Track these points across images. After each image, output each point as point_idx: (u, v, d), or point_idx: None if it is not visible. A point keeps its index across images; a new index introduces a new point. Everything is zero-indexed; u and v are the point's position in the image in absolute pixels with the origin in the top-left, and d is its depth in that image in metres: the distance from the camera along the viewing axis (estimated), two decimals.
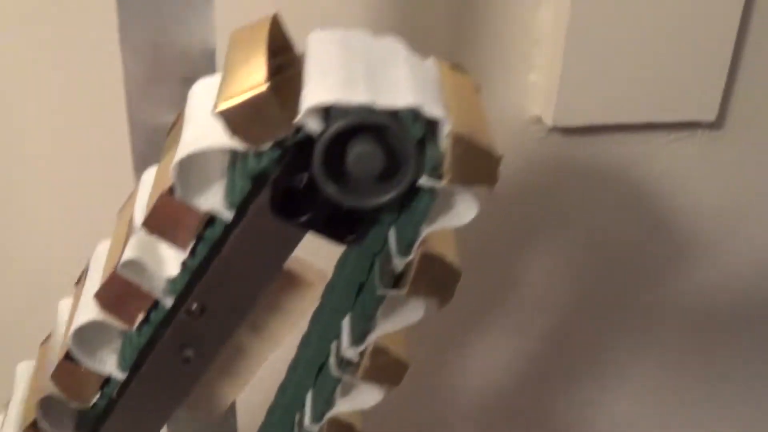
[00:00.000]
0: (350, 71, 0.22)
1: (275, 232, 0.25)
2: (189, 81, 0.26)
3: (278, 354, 0.30)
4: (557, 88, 0.42)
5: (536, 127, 0.44)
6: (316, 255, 0.26)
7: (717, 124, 0.48)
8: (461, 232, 0.45)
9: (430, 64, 0.24)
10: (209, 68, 0.26)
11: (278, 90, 0.22)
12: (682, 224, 0.50)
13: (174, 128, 0.26)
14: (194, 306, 0.26)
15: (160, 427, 0.30)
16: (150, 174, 0.26)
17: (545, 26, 0.42)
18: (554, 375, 0.54)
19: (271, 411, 0.30)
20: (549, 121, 0.43)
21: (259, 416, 0.31)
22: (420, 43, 0.40)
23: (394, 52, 0.24)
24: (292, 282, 0.29)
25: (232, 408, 0.33)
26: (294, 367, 0.29)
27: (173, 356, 0.28)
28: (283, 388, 0.30)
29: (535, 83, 0.43)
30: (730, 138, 0.49)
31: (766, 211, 0.51)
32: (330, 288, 0.27)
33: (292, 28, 0.24)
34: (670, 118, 0.46)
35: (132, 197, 0.27)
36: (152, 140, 0.27)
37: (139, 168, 0.27)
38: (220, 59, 0.26)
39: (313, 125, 0.21)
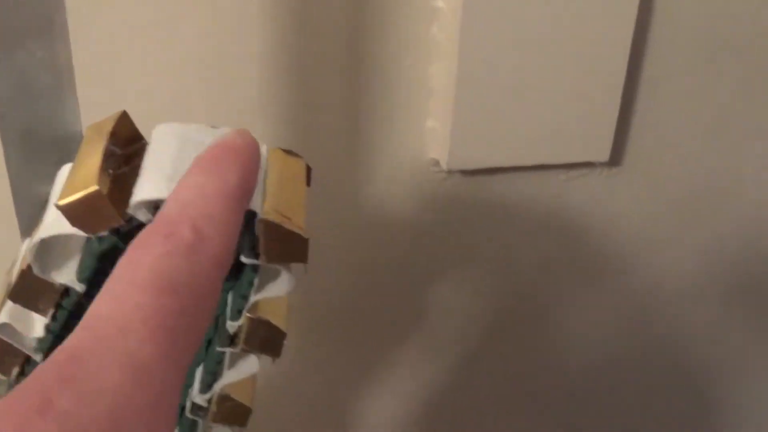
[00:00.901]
0: (178, 167, 0.26)
1: None
2: (62, 161, 0.30)
3: None
4: (450, 134, 0.46)
5: (436, 169, 0.48)
6: None
7: (615, 162, 0.51)
8: (373, 267, 0.49)
9: (261, 152, 0.28)
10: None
11: (116, 183, 0.26)
12: (586, 255, 0.54)
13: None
14: None
15: None
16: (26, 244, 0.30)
17: (437, 78, 0.45)
18: (464, 407, 0.57)
19: None
20: (444, 165, 0.47)
21: None
22: (319, 95, 0.44)
23: None
24: None
25: None
26: None
27: None
28: None
29: (432, 129, 0.47)
30: (629, 174, 0.52)
31: (666, 240, 0.55)
32: None
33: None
34: (562, 160, 0.49)
35: (14, 263, 0.30)
36: (35, 210, 0.31)
37: (25, 232, 0.31)
38: None
39: (142, 216, 0.25)
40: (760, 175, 0.54)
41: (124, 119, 0.28)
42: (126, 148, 0.28)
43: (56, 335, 0.28)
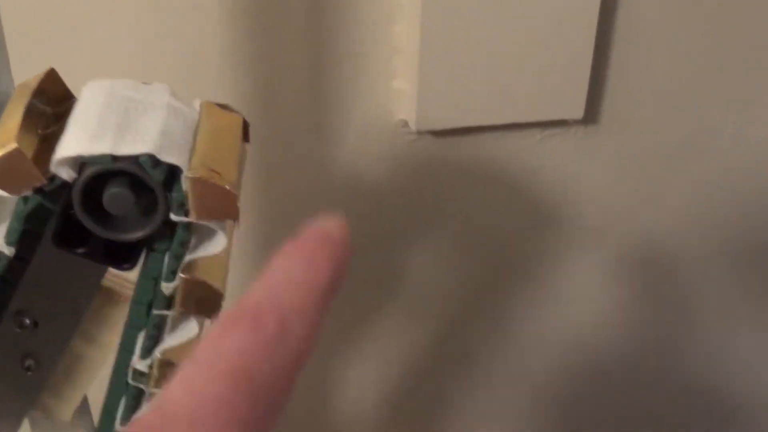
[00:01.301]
0: (103, 122, 0.25)
1: (72, 260, 0.28)
2: None
3: None
4: (417, 94, 0.45)
5: (405, 130, 0.47)
6: None
7: (591, 119, 0.50)
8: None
9: (194, 107, 0.27)
10: None
11: (44, 143, 0.25)
12: (563, 216, 0.53)
13: None
14: (27, 321, 0.30)
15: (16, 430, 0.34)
16: None
17: (402, 37, 0.44)
18: (446, 372, 0.57)
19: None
20: (413, 125, 0.46)
21: None
22: (282, 57, 0.43)
23: (157, 99, 0.27)
24: (113, 298, 0.32)
25: (85, 405, 0.36)
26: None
27: (15, 366, 0.32)
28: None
29: (399, 89, 0.46)
30: (606, 132, 0.51)
31: (645, 198, 0.54)
32: (130, 306, 0.30)
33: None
34: (534, 118, 0.48)
35: None
36: None
37: None
38: None
39: (65, 174, 0.24)
40: (737, 129, 0.53)
41: (51, 76, 0.27)
42: (56, 107, 0.27)
43: None
